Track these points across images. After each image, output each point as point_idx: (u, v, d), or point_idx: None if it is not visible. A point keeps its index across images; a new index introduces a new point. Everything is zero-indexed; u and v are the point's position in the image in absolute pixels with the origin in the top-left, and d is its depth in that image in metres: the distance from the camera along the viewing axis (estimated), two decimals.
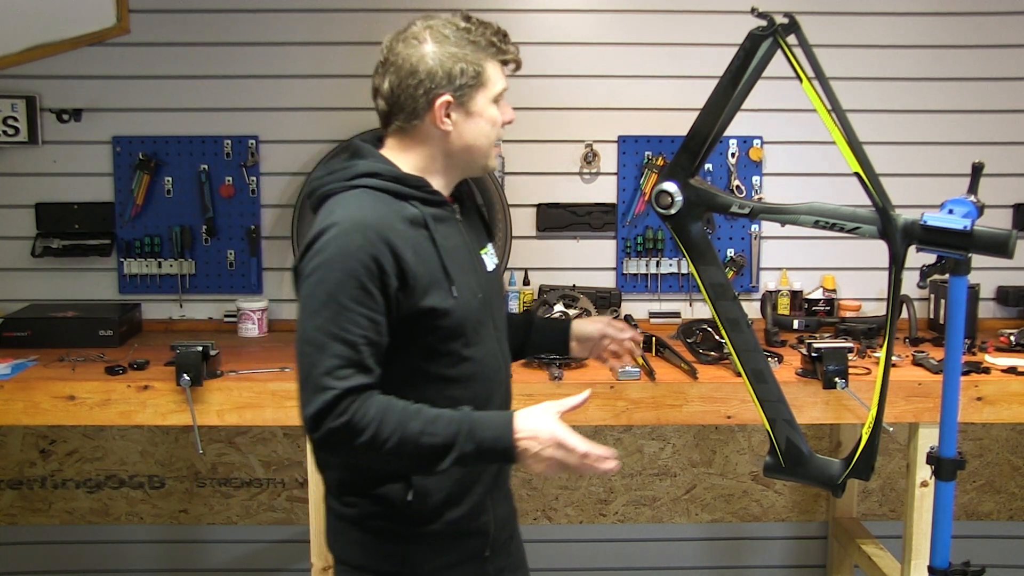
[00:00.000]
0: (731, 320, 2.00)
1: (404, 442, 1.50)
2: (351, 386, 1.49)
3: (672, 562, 3.43)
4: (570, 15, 3.16)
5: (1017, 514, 3.43)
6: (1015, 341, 2.85)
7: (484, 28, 1.63)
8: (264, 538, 3.36)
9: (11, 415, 2.47)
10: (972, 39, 3.18)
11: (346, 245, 1.51)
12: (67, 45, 3.03)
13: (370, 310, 1.51)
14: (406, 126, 1.64)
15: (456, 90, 1.60)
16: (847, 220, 1.97)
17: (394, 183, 1.60)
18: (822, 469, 1.97)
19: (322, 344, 1.50)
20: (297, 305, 1.55)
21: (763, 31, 1.99)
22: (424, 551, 1.68)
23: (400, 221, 1.57)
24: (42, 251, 3.12)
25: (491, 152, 1.69)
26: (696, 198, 1.98)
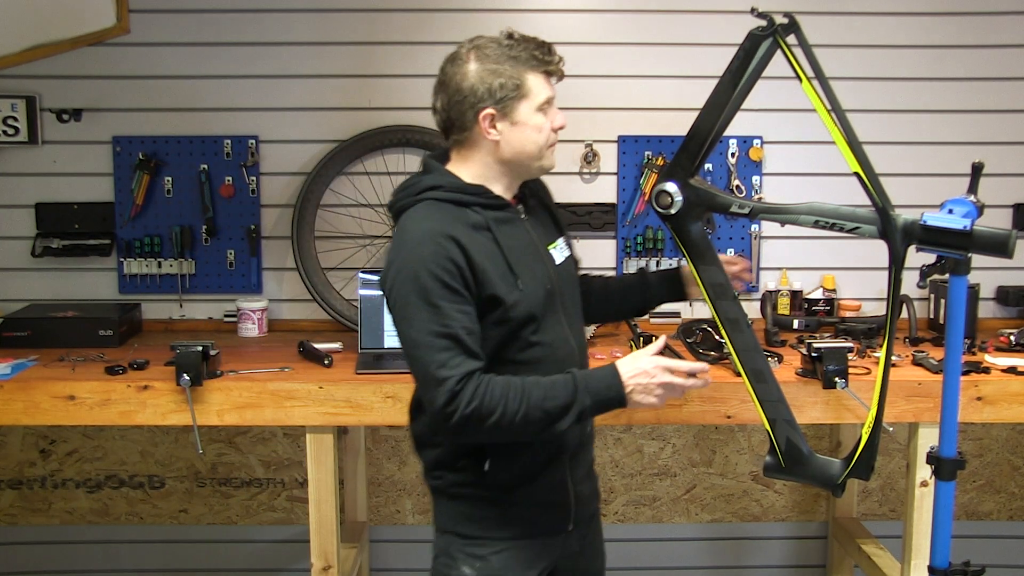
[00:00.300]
0: (731, 320, 2.01)
1: (531, 411, 1.68)
2: (466, 371, 1.66)
3: (672, 562, 3.43)
4: (570, 15, 3.16)
5: (1017, 514, 3.43)
6: (1015, 341, 2.85)
7: (526, 43, 1.78)
8: (264, 538, 3.36)
9: (11, 415, 2.47)
10: (972, 39, 3.18)
11: (421, 254, 1.69)
12: (67, 45, 3.03)
13: (460, 303, 1.69)
14: (461, 139, 1.82)
15: (498, 103, 1.76)
16: (847, 220, 1.97)
17: (456, 193, 1.78)
18: (822, 469, 1.98)
19: (428, 343, 1.67)
20: (393, 315, 1.73)
21: (763, 31, 2.00)
22: (508, 519, 1.86)
23: (464, 226, 1.74)
24: (42, 251, 3.12)
25: (544, 155, 1.83)
26: (696, 198, 1.99)
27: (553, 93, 1.82)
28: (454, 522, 1.90)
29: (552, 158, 1.87)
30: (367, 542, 3.30)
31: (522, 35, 1.80)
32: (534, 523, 1.89)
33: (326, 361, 2.65)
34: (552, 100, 1.81)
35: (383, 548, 3.40)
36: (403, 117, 3.13)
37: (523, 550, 1.89)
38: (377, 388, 2.46)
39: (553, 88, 1.82)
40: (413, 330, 1.69)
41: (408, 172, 3.15)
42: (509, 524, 1.87)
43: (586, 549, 2.03)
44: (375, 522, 3.36)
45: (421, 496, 3.36)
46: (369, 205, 3.17)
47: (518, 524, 1.88)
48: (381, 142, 3.11)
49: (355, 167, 3.15)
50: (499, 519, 1.87)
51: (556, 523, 1.92)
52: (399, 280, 1.70)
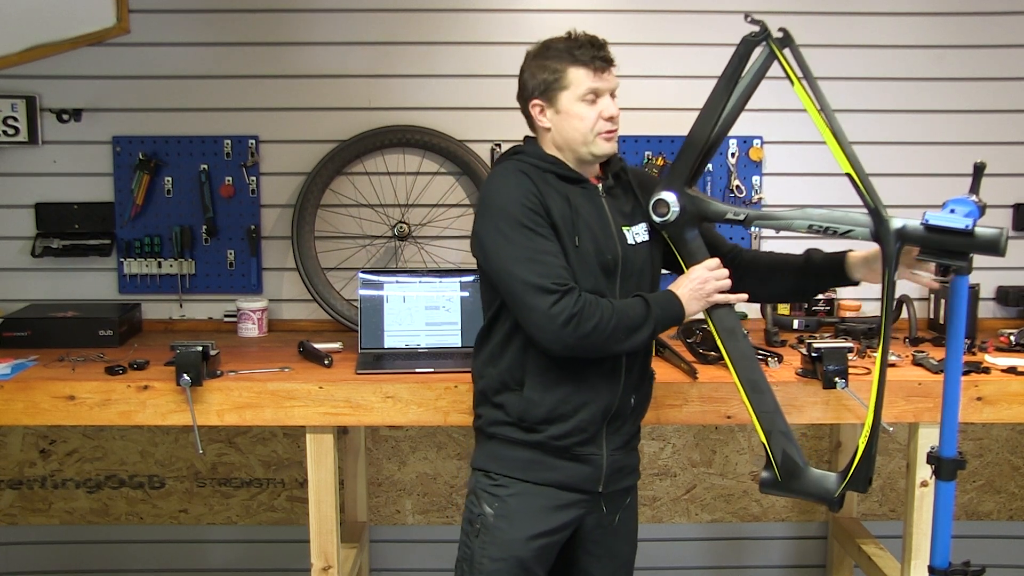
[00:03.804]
0: (728, 329, 2.03)
1: (620, 320, 1.89)
2: (565, 279, 1.86)
3: (672, 562, 3.43)
4: (570, 15, 3.16)
5: (1017, 514, 3.43)
6: (1015, 341, 2.85)
7: (570, 41, 1.97)
8: (264, 538, 3.36)
9: (11, 415, 2.47)
10: (972, 39, 3.18)
11: (508, 189, 1.92)
12: (67, 45, 3.03)
13: (546, 230, 1.90)
14: (531, 125, 2.05)
15: (543, 94, 1.98)
16: (840, 224, 1.98)
17: (534, 159, 1.99)
18: (819, 483, 1.97)
19: (524, 258, 1.86)
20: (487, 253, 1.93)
21: (755, 36, 2.00)
22: (534, 461, 1.99)
23: (541, 182, 1.95)
24: (42, 251, 3.12)
25: (591, 141, 1.97)
26: (692, 207, 2.03)
27: (601, 84, 1.95)
28: (483, 460, 2.06)
29: (603, 145, 1.98)
30: (367, 542, 3.30)
31: (583, 33, 1.98)
32: (561, 470, 2.00)
33: (326, 361, 2.65)
34: (599, 91, 1.95)
35: (383, 548, 3.40)
36: (403, 117, 3.13)
37: (542, 497, 2.00)
38: (377, 388, 2.46)
39: (603, 79, 1.95)
40: (509, 249, 1.88)
41: (408, 172, 3.17)
42: (534, 467, 2.00)
43: (620, 528, 2.15)
44: (375, 522, 3.36)
45: (421, 496, 3.36)
46: (369, 205, 3.17)
47: (543, 469, 2.00)
48: (381, 142, 3.11)
49: (355, 167, 3.15)
50: (526, 462, 2.00)
51: (584, 479, 2.03)
52: (488, 220, 1.92)
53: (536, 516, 2.00)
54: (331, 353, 2.72)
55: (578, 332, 1.85)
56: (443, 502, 3.36)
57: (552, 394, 1.97)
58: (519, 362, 1.99)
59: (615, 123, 1.99)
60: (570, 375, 1.97)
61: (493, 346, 2.03)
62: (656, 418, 2.48)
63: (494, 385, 2.03)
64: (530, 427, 1.99)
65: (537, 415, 1.98)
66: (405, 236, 3.15)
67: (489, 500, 2.02)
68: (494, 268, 1.92)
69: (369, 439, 3.31)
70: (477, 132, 3.13)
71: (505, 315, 1.99)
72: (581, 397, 1.99)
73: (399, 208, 3.17)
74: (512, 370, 2.00)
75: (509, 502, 2.00)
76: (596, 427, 2.02)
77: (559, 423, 1.98)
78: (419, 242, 3.17)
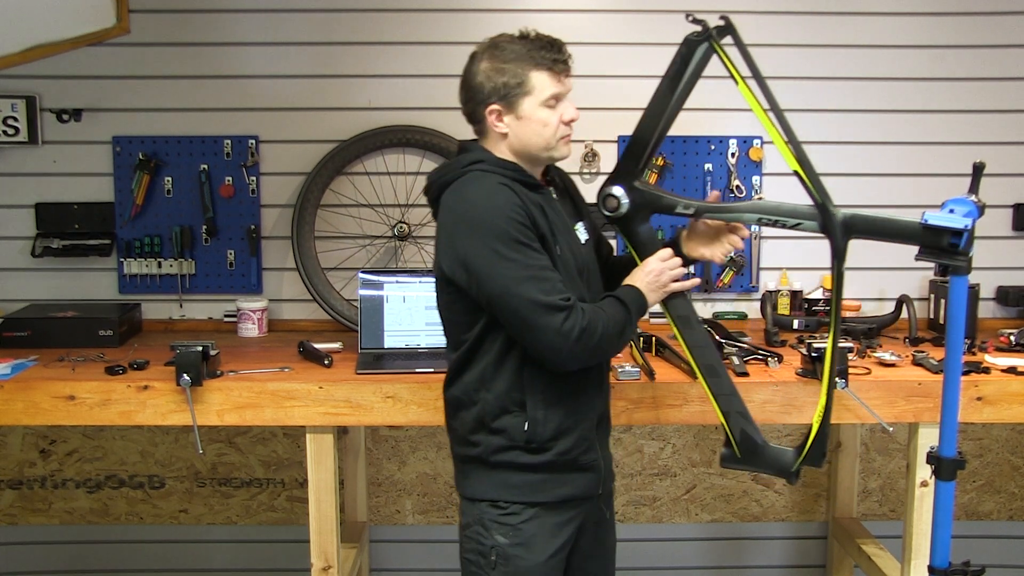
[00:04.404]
0: (682, 317, 2.07)
1: (615, 324, 1.89)
2: (568, 295, 1.83)
3: (672, 562, 3.43)
4: (570, 15, 3.16)
5: (1017, 514, 3.43)
6: (1015, 341, 2.85)
7: (534, 42, 1.91)
8: (264, 538, 3.36)
9: (11, 415, 2.47)
10: (972, 39, 3.18)
11: (495, 204, 1.83)
12: (67, 45, 3.02)
13: (537, 243, 1.84)
14: (480, 129, 1.97)
15: (502, 99, 1.90)
16: (788, 216, 2.00)
17: (498, 167, 1.91)
18: (777, 458, 2.03)
19: (526, 277, 1.80)
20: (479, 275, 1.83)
21: (698, 36, 2.02)
22: (544, 482, 1.94)
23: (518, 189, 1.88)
24: (42, 251, 3.12)
25: (553, 145, 1.94)
26: (642, 200, 2.07)
27: (561, 88, 1.91)
28: (489, 490, 1.96)
29: (564, 149, 1.96)
30: (367, 542, 3.30)
31: (537, 34, 1.93)
32: (570, 484, 1.97)
33: (326, 361, 2.65)
34: (560, 95, 1.91)
35: (383, 548, 3.40)
36: (403, 117, 3.13)
37: (554, 515, 1.97)
38: (377, 388, 2.46)
39: (563, 83, 1.92)
40: (510, 271, 1.80)
41: (408, 172, 3.17)
42: (545, 487, 1.95)
43: (608, 521, 2.15)
44: (375, 522, 3.36)
45: (421, 496, 3.36)
46: (369, 205, 3.17)
47: (555, 486, 1.96)
48: (381, 142, 3.11)
49: (355, 167, 3.15)
50: (537, 483, 1.94)
51: (589, 486, 2.01)
52: (477, 237, 1.82)
53: (552, 536, 1.97)
54: (331, 353, 2.72)
55: (590, 345, 1.84)
56: (443, 502, 3.36)
57: (557, 410, 1.93)
58: (517, 383, 1.91)
59: (572, 128, 1.96)
60: (570, 387, 1.95)
61: (483, 369, 1.93)
62: (656, 418, 2.48)
63: (492, 410, 1.93)
64: (539, 447, 1.93)
65: (545, 434, 1.92)
66: (405, 236, 3.15)
67: (502, 530, 1.94)
68: (490, 290, 1.82)
69: (369, 439, 3.31)
70: None
71: (493, 336, 1.91)
72: (581, 407, 1.98)
73: (399, 208, 3.17)
74: (510, 392, 1.92)
75: (524, 528, 1.94)
76: (593, 433, 2.01)
77: (565, 437, 1.95)
78: (419, 242, 3.18)
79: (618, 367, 2.50)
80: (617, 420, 2.50)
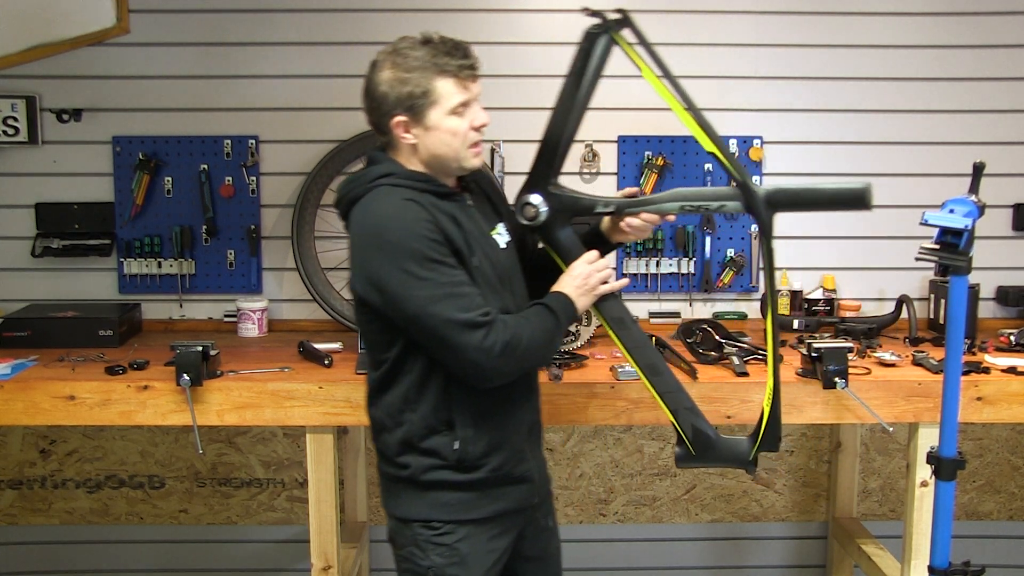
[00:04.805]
0: (616, 319, 2.02)
1: (542, 335, 1.85)
2: (487, 309, 1.77)
3: (672, 562, 3.43)
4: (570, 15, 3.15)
5: (1017, 514, 3.43)
6: (1015, 341, 2.85)
7: (437, 48, 1.81)
8: (264, 538, 3.36)
9: (11, 415, 2.47)
10: (972, 39, 3.18)
11: (403, 222, 1.76)
12: (67, 45, 3.03)
13: (451, 257, 1.78)
14: (386, 140, 1.89)
15: (408, 110, 1.81)
16: (710, 200, 1.97)
17: (408, 179, 1.83)
18: (732, 449, 2.01)
19: (442, 296, 1.74)
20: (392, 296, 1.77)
21: (596, 29, 1.99)
22: (478, 499, 1.90)
23: (428, 204, 1.80)
24: (42, 251, 3.12)
25: (462, 155, 1.86)
26: (560, 205, 2.01)
27: (468, 95, 1.83)
28: (421, 510, 1.91)
29: (474, 159, 1.89)
30: (367, 542, 3.30)
31: (441, 38, 1.83)
32: (504, 498, 1.93)
33: (326, 361, 2.65)
34: (468, 102, 1.83)
35: (383, 548, 3.38)
36: None
37: (487, 531, 1.93)
38: None
39: (470, 90, 1.83)
40: (424, 291, 1.74)
41: None
42: (479, 505, 1.91)
43: (550, 528, 2.11)
44: (375, 522, 3.36)
45: None
46: None
47: (488, 502, 1.91)
48: None
49: (355, 167, 3.15)
50: (470, 502, 1.90)
51: (524, 497, 1.97)
52: (388, 257, 1.75)
53: (487, 552, 1.93)
54: (331, 353, 2.72)
55: (514, 358, 1.79)
56: None
57: (486, 426, 1.88)
58: (443, 402, 1.86)
59: (483, 133, 1.89)
60: (498, 401, 1.89)
61: (407, 390, 1.87)
62: (656, 418, 2.48)
63: (418, 431, 1.87)
64: (470, 465, 1.88)
65: (476, 451, 1.87)
66: None
67: (438, 550, 1.89)
68: (406, 312, 1.76)
69: (369, 439, 3.30)
70: None
71: (414, 356, 1.85)
72: (511, 420, 1.93)
73: None
74: (437, 411, 1.86)
75: (459, 548, 1.90)
76: (524, 443, 1.97)
77: (497, 453, 1.90)
78: None
79: (618, 367, 2.50)
80: (617, 420, 2.50)
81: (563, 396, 2.48)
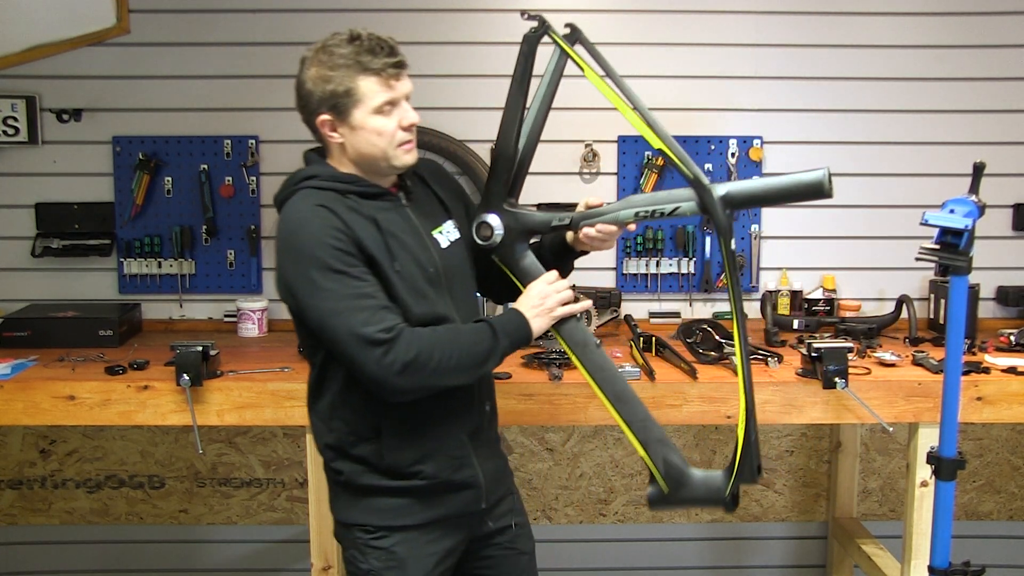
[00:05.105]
0: (579, 343, 1.92)
1: (463, 356, 1.76)
2: (392, 323, 1.70)
3: (672, 562, 3.43)
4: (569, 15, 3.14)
5: (1017, 514, 3.43)
6: (1015, 341, 2.85)
7: (359, 46, 1.75)
8: (264, 538, 3.36)
9: (11, 415, 2.47)
10: (972, 39, 3.18)
11: (310, 230, 1.72)
12: (67, 45, 3.03)
13: (359, 266, 1.72)
14: (318, 139, 1.85)
15: (332, 109, 1.76)
16: (665, 203, 1.86)
17: (331, 181, 1.80)
18: (706, 484, 1.86)
19: (345, 308, 1.69)
20: (300, 304, 1.74)
21: (535, 32, 1.94)
22: (412, 505, 1.86)
23: (343, 207, 1.76)
24: (42, 251, 3.12)
25: (390, 154, 1.80)
26: (515, 224, 1.94)
27: (393, 94, 1.77)
28: (358, 515, 1.89)
29: (405, 156, 1.82)
30: None
31: (368, 35, 1.78)
32: (442, 505, 1.88)
33: None
34: (395, 100, 1.77)
35: None
36: None
37: (427, 535, 1.88)
38: None
39: (394, 88, 1.77)
40: (326, 302, 1.70)
41: None
42: (414, 512, 1.86)
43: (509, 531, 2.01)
44: None
45: None
46: None
47: (423, 510, 1.86)
48: None
49: None
50: (404, 507, 1.86)
51: (466, 503, 1.90)
52: (296, 264, 1.73)
53: (427, 555, 1.88)
54: None
55: (420, 377, 1.72)
56: None
57: (415, 434, 1.83)
58: (370, 409, 1.81)
59: (413, 132, 1.82)
60: (430, 409, 1.82)
61: (333, 398, 1.84)
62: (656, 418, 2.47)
63: (347, 439, 1.85)
64: (402, 474, 1.84)
65: (405, 460, 1.83)
66: None
67: (376, 554, 1.87)
68: (311, 321, 1.73)
69: None
70: (477, 132, 3.13)
71: (336, 362, 1.80)
72: (444, 428, 1.85)
73: None
74: (364, 418, 1.83)
75: (396, 551, 1.86)
76: (465, 449, 1.89)
77: (430, 461, 1.84)
78: None
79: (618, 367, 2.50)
80: None
81: (563, 396, 2.48)
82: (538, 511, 3.36)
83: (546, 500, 3.36)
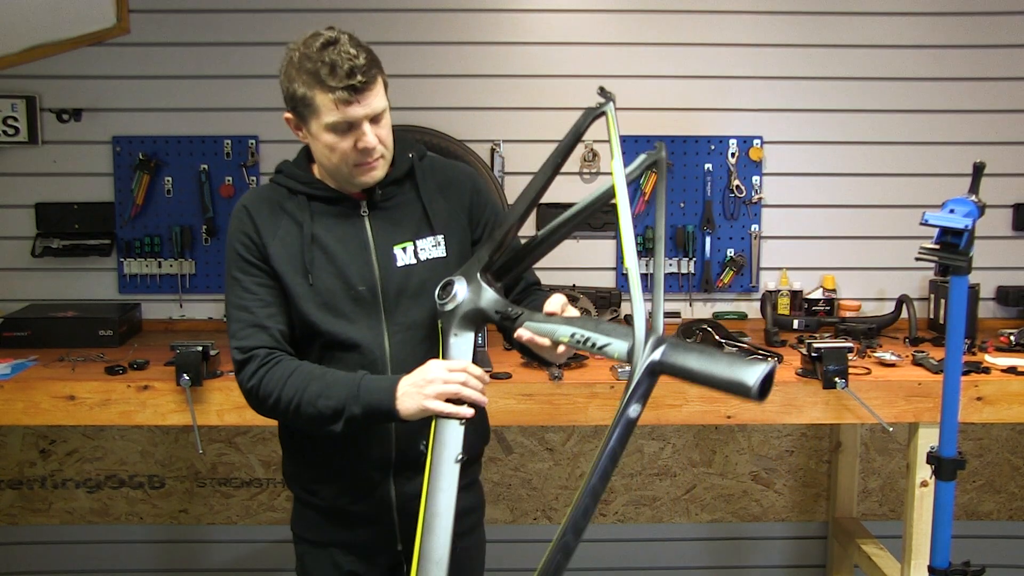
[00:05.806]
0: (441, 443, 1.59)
1: (304, 405, 1.64)
2: (252, 345, 1.68)
3: (672, 562, 3.43)
4: (569, 15, 3.16)
5: (1017, 514, 3.43)
6: (1015, 341, 2.85)
7: (323, 60, 1.62)
8: (264, 538, 3.36)
9: (11, 415, 2.47)
10: (972, 39, 3.18)
11: (230, 228, 1.75)
12: (67, 45, 3.03)
13: (257, 276, 1.71)
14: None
15: (294, 110, 1.70)
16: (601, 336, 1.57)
17: (288, 179, 1.77)
18: None
19: (229, 315, 1.73)
20: None
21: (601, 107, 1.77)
22: (320, 521, 1.83)
23: (271, 206, 1.73)
24: (42, 251, 3.12)
25: (343, 172, 1.68)
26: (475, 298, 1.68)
27: (344, 118, 1.62)
28: (300, 525, 1.89)
29: (362, 177, 1.69)
30: None
31: (342, 46, 1.66)
32: (346, 529, 1.80)
33: None
34: (352, 124, 1.63)
35: None
36: (402, 117, 3.12)
37: (332, 554, 1.82)
38: None
39: (345, 113, 1.61)
40: (226, 301, 1.77)
41: None
42: (316, 528, 1.83)
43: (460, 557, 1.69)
44: None
45: None
46: None
47: (328, 529, 1.82)
48: None
49: None
50: (309, 522, 1.85)
51: (374, 540, 1.80)
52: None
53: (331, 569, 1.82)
54: None
55: (258, 407, 1.71)
56: None
57: (308, 453, 1.80)
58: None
59: (372, 155, 1.66)
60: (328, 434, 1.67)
61: None
62: (656, 418, 2.48)
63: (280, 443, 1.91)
64: (304, 488, 1.83)
65: (302, 477, 1.83)
66: None
67: (297, 559, 1.89)
68: None
69: None
70: (477, 132, 3.13)
71: None
72: (347, 454, 1.74)
73: None
74: (280, 427, 1.87)
75: (304, 561, 1.87)
76: (371, 484, 1.75)
77: (328, 483, 1.79)
78: None
79: (619, 367, 2.50)
80: None
81: (563, 396, 2.48)
82: (538, 511, 3.36)
83: (546, 500, 3.35)
